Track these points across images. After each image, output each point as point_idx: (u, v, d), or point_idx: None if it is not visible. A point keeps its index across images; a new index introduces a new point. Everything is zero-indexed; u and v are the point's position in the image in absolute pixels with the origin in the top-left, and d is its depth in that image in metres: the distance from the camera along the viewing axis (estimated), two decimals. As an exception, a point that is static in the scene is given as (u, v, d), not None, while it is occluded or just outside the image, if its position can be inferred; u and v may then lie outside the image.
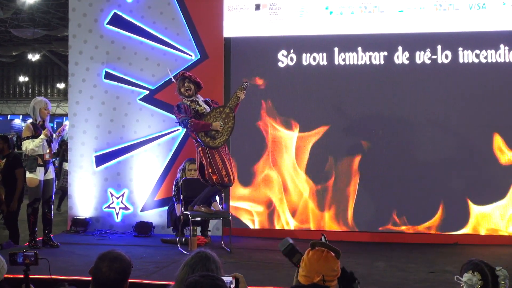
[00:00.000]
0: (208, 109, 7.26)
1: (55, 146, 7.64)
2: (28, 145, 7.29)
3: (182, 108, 7.18)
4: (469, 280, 3.04)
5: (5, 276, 3.64)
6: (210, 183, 7.17)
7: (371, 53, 8.28)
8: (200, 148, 7.19)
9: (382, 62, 8.25)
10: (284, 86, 8.48)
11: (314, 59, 8.40)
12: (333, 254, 2.99)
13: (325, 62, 8.38)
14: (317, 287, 2.89)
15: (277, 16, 8.46)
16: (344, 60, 8.34)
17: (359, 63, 8.30)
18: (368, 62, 8.27)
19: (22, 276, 3.88)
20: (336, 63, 8.36)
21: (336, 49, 8.36)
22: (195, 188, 7.45)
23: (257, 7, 8.50)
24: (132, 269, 3.18)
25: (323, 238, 3.11)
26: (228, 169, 7.08)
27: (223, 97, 8.25)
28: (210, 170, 7.07)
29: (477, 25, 8.07)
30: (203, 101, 7.32)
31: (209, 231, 8.04)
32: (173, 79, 7.63)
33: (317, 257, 2.97)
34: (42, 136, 7.32)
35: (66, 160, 10.53)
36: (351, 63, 8.31)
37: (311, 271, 2.94)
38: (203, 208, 7.17)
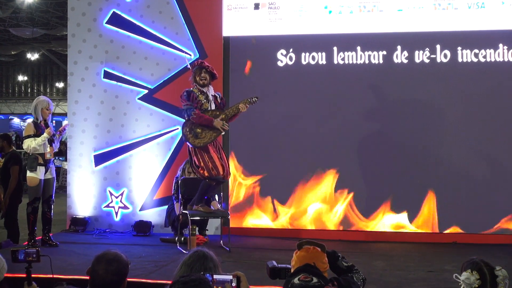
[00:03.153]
0: (212, 107, 7.21)
1: (56, 145, 7.64)
2: (30, 144, 7.29)
3: (191, 97, 7.12)
4: (467, 279, 3.04)
5: (6, 275, 3.64)
6: (200, 177, 7.21)
7: (370, 52, 8.28)
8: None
9: (381, 61, 8.25)
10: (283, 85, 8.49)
11: (313, 58, 8.40)
12: (319, 249, 3.22)
13: (324, 62, 8.38)
14: (310, 267, 3.07)
15: (276, 15, 8.46)
16: (343, 59, 8.34)
17: (358, 62, 8.30)
18: (367, 62, 8.28)
19: (24, 275, 3.88)
20: (335, 62, 8.36)
21: (335, 48, 8.36)
22: (194, 187, 7.44)
23: (256, 6, 8.50)
24: (129, 268, 3.18)
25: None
26: (216, 163, 7.04)
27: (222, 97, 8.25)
28: (197, 164, 7.11)
29: (476, 24, 8.07)
30: (212, 95, 7.25)
31: (207, 230, 8.05)
32: (189, 66, 7.58)
33: (306, 252, 3.19)
34: (45, 135, 7.33)
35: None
36: (350, 62, 8.32)
37: (303, 263, 3.11)
38: (201, 208, 7.17)
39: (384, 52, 8.24)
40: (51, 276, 4.60)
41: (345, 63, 8.32)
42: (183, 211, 7.36)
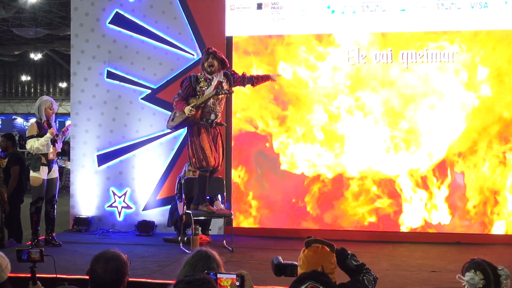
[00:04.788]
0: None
1: (59, 145, 7.64)
2: (33, 144, 7.30)
3: (183, 83, 7.19)
4: (471, 279, 3.05)
5: (10, 275, 3.64)
6: (193, 167, 7.31)
7: (372, 52, 8.27)
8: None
9: (384, 61, 8.24)
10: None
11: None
12: (328, 249, 3.09)
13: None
14: (318, 274, 2.93)
15: (279, 15, 8.46)
16: (347, 59, 8.34)
17: (361, 62, 8.29)
18: (370, 61, 8.26)
19: (28, 275, 3.89)
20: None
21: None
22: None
23: (259, 6, 8.50)
24: (132, 268, 3.18)
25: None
26: (207, 154, 7.04)
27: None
28: (190, 153, 7.16)
29: (479, 24, 8.06)
30: (219, 81, 7.12)
31: (210, 230, 8.05)
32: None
33: (314, 252, 3.06)
34: (48, 135, 7.33)
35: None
36: (353, 62, 8.31)
37: (310, 266, 3.00)
38: (204, 208, 7.16)
39: (387, 52, 8.24)
40: (55, 275, 4.61)
41: (348, 63, 8.32)
42: (187, 211, 7.36)
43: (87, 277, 3.18)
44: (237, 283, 2.79)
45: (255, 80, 7.33)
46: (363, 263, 3.31)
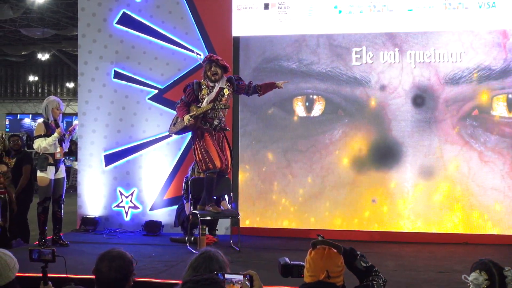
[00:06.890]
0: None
1: (66, 145, 7.66)
2: (41, 144, 7.33)
3: (186, 90, 7.21)
4: (475, 279, 3.04)
5: (18, 274, 3.65)
6: (201, 171, 7.30)
7: (380, 52, 8.25)
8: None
9: (391, 61, 8.22)
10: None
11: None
12: (335, 250, 3.01)
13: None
14: (322, 284, 2.90)
15: (286, 15, 8.45)
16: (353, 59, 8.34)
17: (368, 62, 8.27)
18: (377, 61, 8.25)
19: (38, 274, 3.90)
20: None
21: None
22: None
23: (266, 6, 8.50)
24: (138, 268, 3.19)
25: (319, 238, 3.11)
26: (212, 156, 7.03)
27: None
28: (196, 158, 7.17)
29: (487, 24, 8.03)
30: (222, 87, 7.12)
31: (217, 230, 8.05)
32: (202, 64, 7.53)
33: (320, 255, 2.98)
34: (55, 135, 7.35)
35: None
36: (360, 62, 8.29)
37: (315, 270, 2.96)
38: (211, 208, 7.16)
39: (394, 52, 8.22)
40: (65, 275, 4.62)
41: (355, 63, 8.31)
42: (193, 211, 7.36)
43: (94, 276, 3.19)
44: (247, 283, 2.78)
45: (258, 88, 7.32)
46: (372, 265, 3.25)
